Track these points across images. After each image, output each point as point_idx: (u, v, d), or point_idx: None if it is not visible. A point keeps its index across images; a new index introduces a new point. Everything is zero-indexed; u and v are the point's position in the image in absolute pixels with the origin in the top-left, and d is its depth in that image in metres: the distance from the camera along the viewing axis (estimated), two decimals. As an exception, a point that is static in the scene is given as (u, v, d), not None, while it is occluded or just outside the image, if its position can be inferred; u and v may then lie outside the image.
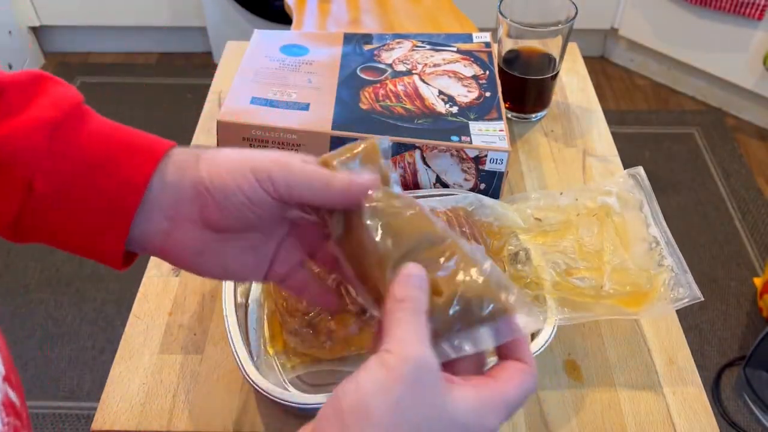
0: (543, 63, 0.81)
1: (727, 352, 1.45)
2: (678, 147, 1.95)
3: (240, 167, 0.38)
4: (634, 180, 0.65)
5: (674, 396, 0.57)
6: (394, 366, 0.31)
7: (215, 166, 0.39)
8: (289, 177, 0.38)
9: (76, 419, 1.33)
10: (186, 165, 0.39)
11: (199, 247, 0.40)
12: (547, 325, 0.55)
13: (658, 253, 0.59)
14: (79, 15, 2.16)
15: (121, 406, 0.56)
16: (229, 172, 0.38)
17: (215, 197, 0.38)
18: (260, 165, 0.38)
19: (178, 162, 0.39)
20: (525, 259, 0.59)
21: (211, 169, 0.39)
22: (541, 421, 0.55)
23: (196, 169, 0.39)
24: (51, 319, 1.51)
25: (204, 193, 0.38)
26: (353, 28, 1.19)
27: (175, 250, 0.40)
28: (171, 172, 0.39)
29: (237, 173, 0.38)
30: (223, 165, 0.39)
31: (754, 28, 1.83)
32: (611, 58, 2.28)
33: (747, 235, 1.70)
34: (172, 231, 0.39)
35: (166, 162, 0.39)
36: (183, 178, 0.39)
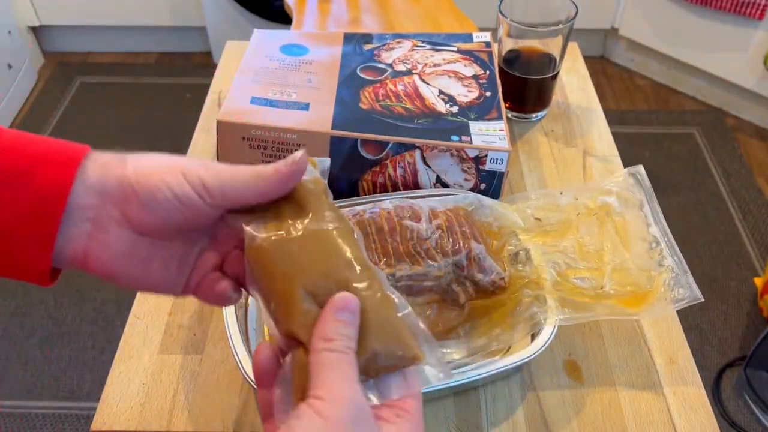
0: (543, 63, 0.81)
1: (727, 352, 1.45)
2: (678, 147, 1.95)
3: (169, 167, 0.37)
4: (634, 179, 0.65)
5: (675, 396, 0.57)
6: (329, 414, 0.30)
7: (143, 165, 0.37)
8: (221, 177, 0.37)
9: (75, 419, 1.33)
10: (110, 164, 0.37)
11: (124, 250, 0.38)
12: (548, 325, 0.55)
13: (659, 253, 0.59)
14: (79, 15, 2.16)
15: (121, 407, 0.56)
16: (157, 170, 0.37)
17: (141, 196, 0.36)
18: (190, 168, 0.37)
19: (101, 162, 0.37)
20: (525, 259, 0.59)
21: (139, 167, 0.37)
22: (542, 421, 0.55)
23: (122, 167, 0.37)
24: (51, 319, 1.51)
25: (129, 191, 0.36)
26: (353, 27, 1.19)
27: (98, 253, 0.37)
28: (93, 173, 0.37)
29: (166, 172, 0.37)
30: (152, 164, 0.37)
31: (754, 27, 1.83)
32: (611, 57, 2.28)
33: (747, 235, 1.70)
34: (94, 233, 0.37)
35: (87, 164, 0.37)
36: (107, 178, 0.37)
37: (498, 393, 0.57)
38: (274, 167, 0.38)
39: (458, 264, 0.57)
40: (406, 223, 0.57)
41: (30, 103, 2.08)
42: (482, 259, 0.57)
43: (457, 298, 0.58)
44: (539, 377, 0.58)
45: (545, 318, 0.55)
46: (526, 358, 0.53)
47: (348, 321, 0.34)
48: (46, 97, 2.10)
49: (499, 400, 0.57)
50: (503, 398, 0.57)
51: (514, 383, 0.58)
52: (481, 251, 0.57)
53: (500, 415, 0.56)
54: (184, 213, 0.37)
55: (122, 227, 0.37)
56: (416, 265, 0.56)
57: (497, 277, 0.57)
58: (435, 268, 0.56)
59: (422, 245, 0.56)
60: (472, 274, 0.57)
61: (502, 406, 0.56)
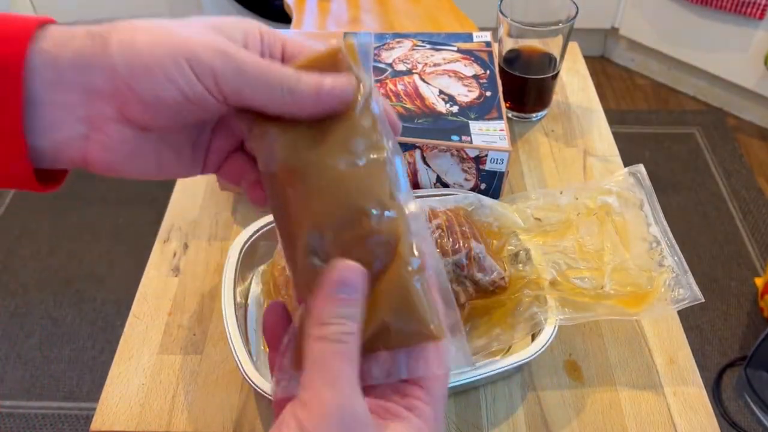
0: (543, 62, 0.81)
1: (727, 353, 1.45)
2: (678, 147, 1.94)
3: (170, 54, 0.29)
4: (635, 178, 0.65)
5: (675, 396, 0.57)
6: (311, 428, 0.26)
7: (135, 52, 0.29)
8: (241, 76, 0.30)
9: (75, 419, 1.33)
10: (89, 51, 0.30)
11: (130, 149, 0.32)
12: (548, 325, 0.54)
13: (659, 253, 0.59)
14: (79, 15, 2.16)
15: (121, 407, 0.56)
16: (156, 60, 0.29)
17: (139, 94, 0.29)
18: (198, 54, 0.29)
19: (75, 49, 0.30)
20: (525, 259, 0.59)
21: (129, 56, 0.29)
22: (542, 421, 0.55)
23: (106, 55, 0.29)
24: (50, 320, 1.51)
25: (122, 87, 0.29)
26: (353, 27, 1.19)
27: (99, 156, 0.31)
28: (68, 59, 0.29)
29: (167, 63, 0.29)
30: (146, 51, 0.29)
31: (754, 27, 1.83)
32: (612, 57, 2.28)
33: (748, 235, 1.70)
34: (91, 135, 0.31)
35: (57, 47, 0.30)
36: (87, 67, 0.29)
37: (498, 393, 0.57)
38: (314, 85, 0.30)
39: (458, 264, 0.56)
40: (406, 223, 0.57)
41: (30, 102, 2.08)
42: (482, 258, 0.57)
43: (457, 297, 0.57)
44: (539, 377, 0.58)
45: (545, 318, 0.55)
46: (526, 358, 0.53)
47: (348, 299, 0.28)
48: (45, 96, 2.10)
49: (500, 400, 0.57)
50: (503, 398, 0.57)
51: (515, 383, 0.58)
52: (481, 251, 0.57)
53: (500, 415, 0.56)
54: (194, 111, 0.31)
55: (122, 124, 0.31)
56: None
57: (497, 276, 0.57)
58: (435, 268, 0.56)
59: (422, 245, 0.56)
60: (472, 274, 0.57)
61: (502, 406, 0.56)
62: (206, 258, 0.67)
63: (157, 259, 0.67)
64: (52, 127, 0.30)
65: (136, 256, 1.56)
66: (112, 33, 0.30)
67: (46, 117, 0.30)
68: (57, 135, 0.30)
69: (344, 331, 0.28)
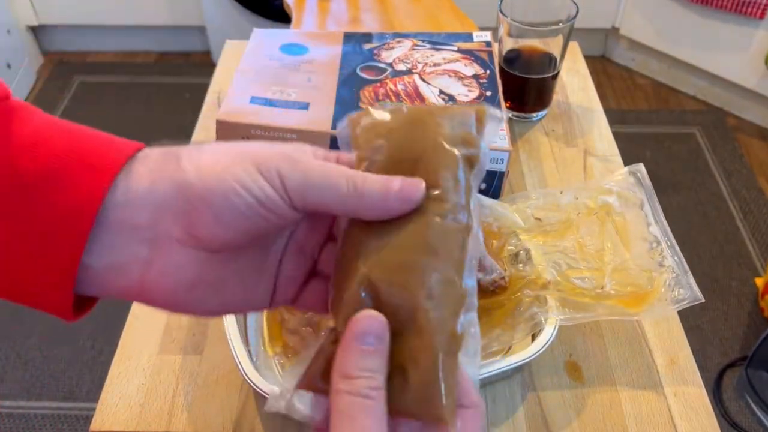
0: (544, 62, 0.80)
1: (728, 353, 1.45)
2: (679, 147, 1.94)
3: (238, 160, 0.29)
4: (635, 178, 0.65)
5: (675, 396, 0.57)
6: None
7: (205, 164, 0.29)
8: (305, 178, 0.29)
9: (75, 420, 1.33)
10: (161, 165, 0.29)
11: (192, 276, 0.30)
12: (548, 325, 0.54)
13: (659, 253, 0.59)
14: (78, 14, 2.15)
15: (120, 407, 0.56)
16: (224, 167, 0.29)
17: (212, 203, 0.28)
18: (264, 159, 0.29)
19: (150, 164, 0.29)
20: (525, 259, 0.59)
21: (200, 164, 0.29)
22: (542, 422, 0.55)
23: (178, 169, 0.29)
24: (50, 319, 1.51)
25: (194, 200, 0.28)
26: (353, 27, 1.19)
27: (158, 285, 0.30)
28: (141, 177, 0.29)
29: (236, 167, 0.29)
30: (215, 159, 0.29)
31: (755, 27, 1.83)
32: (612, 57, 2.28)
33: (748, 235, 1.70)
34: (153, 258, 0.29)
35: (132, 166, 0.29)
36: (160, 183, 0.29)
37: (498, 393, 0.57)
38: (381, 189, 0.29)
39: (458, 264, 0.56)
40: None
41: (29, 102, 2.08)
42: (482, 258, 0.57)
43: (457, 298, 0.57)
44: (540, 378, 0.58)
45: (546, 318, 0.55)
46: (526, 358, 0.53)
47: (372, 350, 0.27)
48: (45, 96, 2.09)
49: (500, 401, 0.56)
50: (504, 399, 0.57)
51: (515, 384, 0.57)
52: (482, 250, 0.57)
53: (501, 416, 0.56)
54: (267, 217, 0.29)
55: (187, 247, 0.29)
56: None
57: (498, 276, 0.57)
58: (435, 268, 0.56)
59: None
60: (473, 274, 0.56)
61: (502, 406, 0.56)
62: (206, 258, 0.67)
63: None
64: (112, 248, 0.29)
65: (136, 256, 1.56)
66: (183, 151, 0.30)
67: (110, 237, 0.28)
68: (115, 257, 0.29)
69: (371, 386, 0.27)
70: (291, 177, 0.29)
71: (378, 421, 0.26)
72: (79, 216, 0.27)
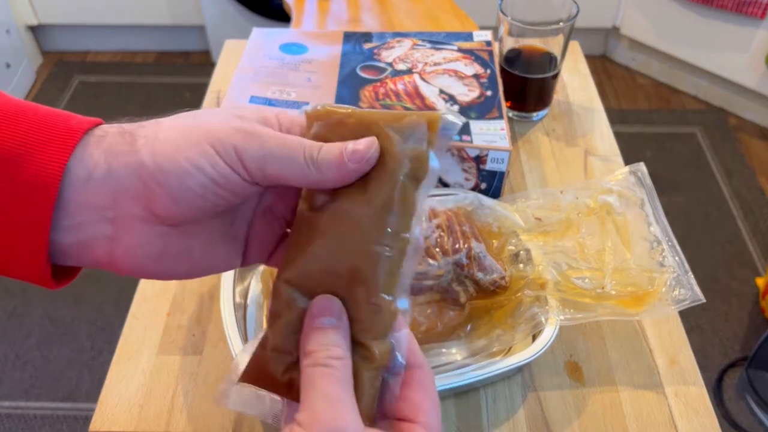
0: (544, 62, 0.80)
1: (729, 353, 1.45)
2: (680, 146, 1.94)
3: (194, 141, 0.30)
4: (635, 177, 0.64)
5: (676, 397, 0.57)
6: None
7: (160, 144, 0.30)
8: (263, 151, 0.30)
9: (74, 420, 1.33)
10: (117, 148, 0.30)
11: (157, 249, 0.31)
12: (549, 325, 0.54)
13: (660, 253, 0.59)
14: (78, 14, 2.15)
15: (120, 407, 0.55)
16: (179, 149, 0.30)
17: (166, 185, 0.30)
18: (221, 136, 0.30)
19: (106, 145, 0.30)
20: (526, 259, 0.59)
21: (155, 148, 0.30)
22: (543, 422, 0.55)
23: (134, 152, 0.30)
24: (49, 320, 1.51)
25: (150, 181, 0.30)
26: (353, 26, 1.18)
27: (126, 258, 0.31)
28: (99, 160, 0.30)
29: (191, 149, 0.30)
30: (170, 141, 0.30)
31: (756, 27, 1.83)
32: (613, 56, 2.27)
33: (749, 236, 1.69)
34: (117, 235, 0.31)
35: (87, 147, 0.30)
36: (116, 166, 0.30)
37: (499, 394, 0.57)
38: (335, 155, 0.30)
39: (458, 263, 0.56)
40: (406, 222, 0.57)
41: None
42: (483, 258, 0.57)
43: (457, 297, 0.57)
44: (540, 378, 0.58)
45: (546, 318, 0.54)
46: (527, 359, 0.53)
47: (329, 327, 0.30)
48: (44, 96, 2.09)
49: (500, 401, 0.56)
50: (504, 399, 0.56)
51: (515, 384, 0.57)
52: (482, 250, 0.57)
53: (501, 416, 0.55)
54: (223, 195, 0.31)
55: (149, 223, 0.31)
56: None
57: (498, 276, 0.57)
58: (435, 267, 0.56)
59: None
60: (473, 273, 0.56)
61: (503, 406, 0.56)
62: (205, 258, 0.67)
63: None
64: (78, 227, 0.30)
65: (135, 256, 1.56)
66: (139, 129, 0.31)
67: (73, 216, 0.30)
68: (82, 234, 0.31)
69: (330, 356, 0.29)
70: (247, 151, 0.30)
71: (340, 385, 0.28)
72: (44, 190, 0.29)
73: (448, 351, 0.56)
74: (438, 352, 0.56)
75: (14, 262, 0.31)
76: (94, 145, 0.30)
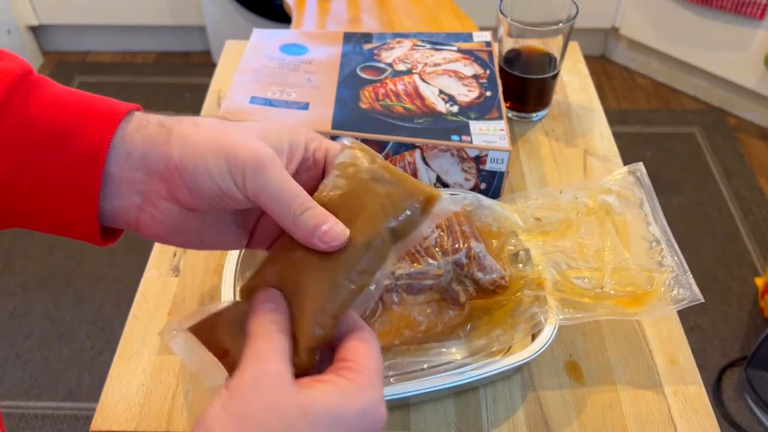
0: (544, 62, 0.80)
1: (728, 353, 1.45)
2: (679, 147, 1.94)
3: (214, 152, 0.35)
4: (634, 177, 0.65)
5: (675, 396, 0.57)
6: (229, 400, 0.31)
7: (188, 146, 0.36)
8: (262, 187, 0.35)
9: (74, 420, 1.33)
10: (155, 139, 0.36)
11: (175, 224, 0.38)
12: (548, 325, 0.54)
13: (659, 253, 0.59)
14: (78, 14, 2.15)
15: (120, 407, 0.56)
16: (202, 156, 0.35)
17: (185, 180, 0.35)
18: (236, 156, 0.35)
19: (146, 133, 0.36)
20: (525, 259, 0.59)
21: (184, 148, 0.35)
22: (542, 421, 0.55)
23: (167, 145, 0.36)
24: (49, 320, 1.51)
25: (174, 172, 0.36)
26: (353, 27, 1.19)
27: (149, 226, 0.38)
28: (138, 142, 0.36)
29: (210, 158, 0.35)
30: (197, 146, 0.35)
31: (755, 27, 1.83)
32: (612, 57, 2.28)
33: (748, 236, 1.70)
34: (144, 207, 0.37)
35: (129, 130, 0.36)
36: (152, 152, 0.36)
37: (498, 393, 0.57)
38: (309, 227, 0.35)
39: (458, 263, 0.56)
40: (406, 222, 0.57)
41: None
42: (482, 257, 0.57)
43: (457, 297, 0.57)
44: (540, 377, 0.58)
45: (546, 318, 0.55)
46: (526, 358, 0.53)
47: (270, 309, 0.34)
48: (45, 96, 2.09)
49: (500, 401, 0.56)
50: (504, 399, 0.57)
51: (515, 383, 0.57)
52: (481, 250, 0.57)
53: (501, 416, 0.55)
54: (227, 201, 0.36)
55: (170, 202, 0.37)
56: (416, 263, 0.55)
57: (498, 276, 0.57)
58: (435, 266, 0.56)
59: (422, 244, 0.56)
60: (473, 273, 0.56)
61: (502, 406, 0.56)
62: (206, 258, 0.67)
63: (156, 259, 0.67)
64: (116, 196, 0.36)
65: (136, 256, 1.56)
66: (176, 126, 0.36)
67: (113, 187, 0.36)
68: (118, 202, 0.37)
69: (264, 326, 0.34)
70: (252, 179, 0.35)
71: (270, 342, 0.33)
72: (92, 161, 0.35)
73: (448, 350, 0.56)
74: (438, 351, 0.56)
75: (71, 223, 0.36)
76: (135, 130, 0.36)
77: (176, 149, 0.35)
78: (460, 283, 0.57)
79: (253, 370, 0.32)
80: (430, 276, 0.56)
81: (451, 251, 0.56)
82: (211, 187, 0.35)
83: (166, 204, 0.37)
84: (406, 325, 0.56)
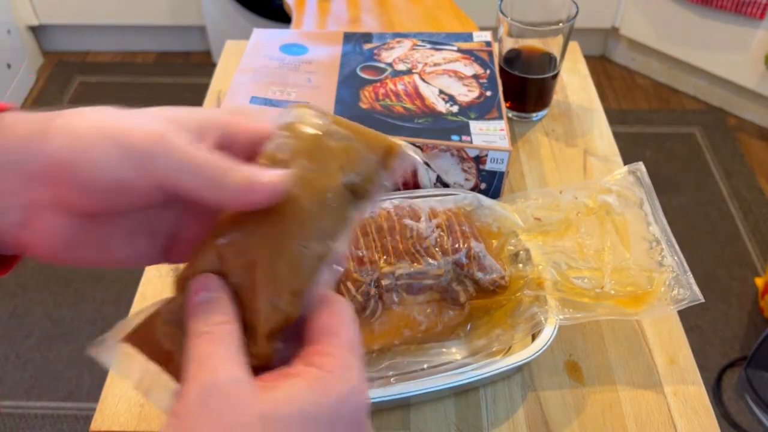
0: (544, 62, 0.80)
1: (728, 353, 1.45)
2: (679, 147, 1.94)
3: (102, 139, 0.29)
4: (634, 177, 0.65)
5: (675, 396, 0.57)
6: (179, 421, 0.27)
7: (71, 137, 0.29)
8: (166, 161, 0.29)
9: (74, 420, 1.33)
10: (30, 135, 0.29)
11: (69, 238, 0.31)
12: (548, 325, 0.54)
13: (659, 252, 0.59)
14: (78, 14, 2.15)
15: (120, 407, 0.56)
16: (89, 145, 0.29)
17: (72, 177, 0.29)
18: (128, 137, 0.29)
19: (18, 135, 0.29)
20: (525, 259, 0.59)
21: (66, 141, 0.29)
22: (542, 421, 0.55)
23: (45, 141, 0.29)
24: (50, 320, 1.51)
25: (57, 172, 0.29)
26: (353, 27, 1.19)
27: (37, 246, 0.31)
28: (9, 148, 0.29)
29: (98, 146, 0.29)
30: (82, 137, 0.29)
31: (755, 27, 1.83)
32: (612, 57, 2.28)
33: (748, 236, 1.70)
34: (27, 224, 0.30)
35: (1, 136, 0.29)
36: (26, 154, 0.29)
37: (498, 393, 0.57)
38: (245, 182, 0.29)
39: (458, 262, 0.56)
40: (406, 221, 0.57)
41: (29, 102, 2.08)
42: (482, 257, 0.57)
43: (457, 297, 0.57)
44: (540, 377, 0.58)
45: (546, 318, 0.55)
46: (526, 358, 0.53)
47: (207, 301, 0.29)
48: (45, 96, 2.09)
49: (500, 401, 0.56)
50: (504, 398, 0.57)
51: (515, 383, 0.57)
52: (481, 250, 0.57)
53: (501, 416, 0.55)
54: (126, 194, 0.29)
55: (58, 212, 0.30)
56: (416, 263, 0.55)
57: (498, 276, 0.57)
58: (435, 266, 0.56)
59: (422, 244, 0.56)
60: (473, 273, 0.57)
61: (502, 406, 0.56)
62: (206, 258, 0.67)
63: (156, 259, 0.67)
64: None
65: (135, 256, 1.56)
66: (55, 119, 0.30)
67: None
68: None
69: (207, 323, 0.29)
70: (152, 158, 0.29)
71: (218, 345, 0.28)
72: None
73: (448, 350, 0.56)
74: (438, 351, 0.56)
75: None
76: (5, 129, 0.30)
77: (57, 144, 0.29)
78: (460, 283, 0.57)
79: (199, 387, 0.27)
80: (430, 276, 0.56)
81: (451, 251, 0.56)
82: (103, 180, 0.29)
83: (55, 214, 0.30)
84: (406, 325, 0.56)
